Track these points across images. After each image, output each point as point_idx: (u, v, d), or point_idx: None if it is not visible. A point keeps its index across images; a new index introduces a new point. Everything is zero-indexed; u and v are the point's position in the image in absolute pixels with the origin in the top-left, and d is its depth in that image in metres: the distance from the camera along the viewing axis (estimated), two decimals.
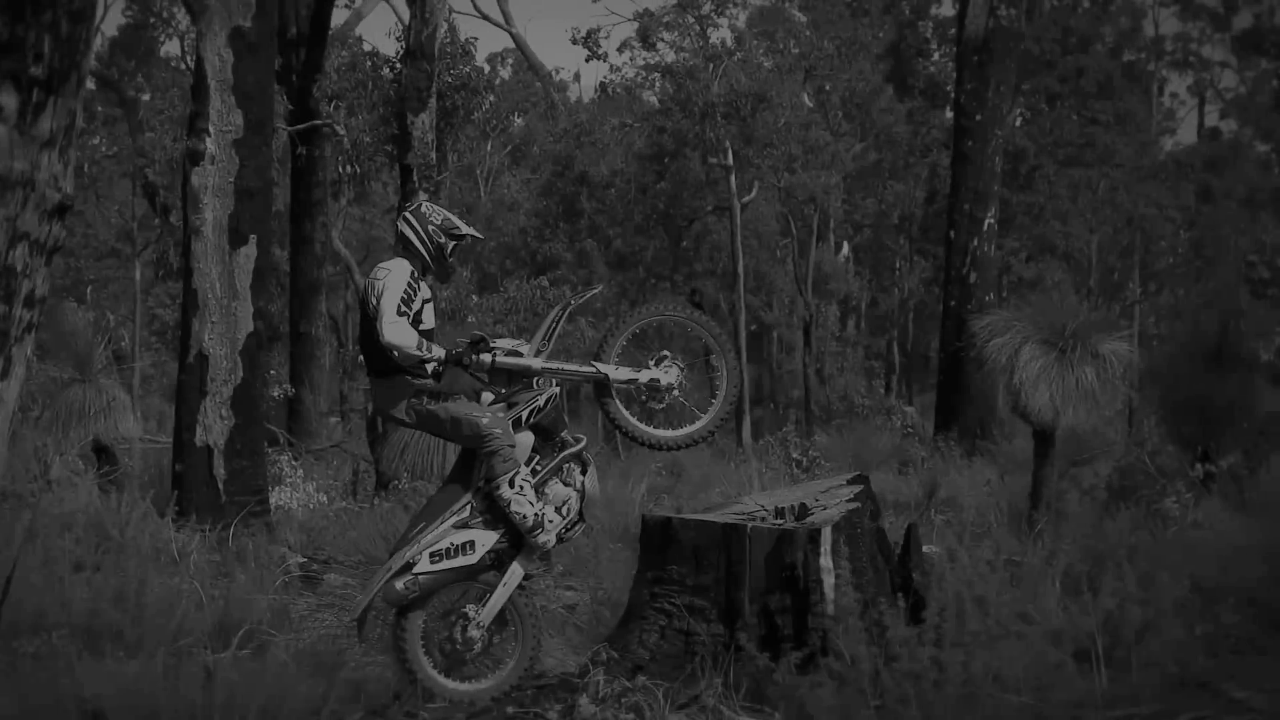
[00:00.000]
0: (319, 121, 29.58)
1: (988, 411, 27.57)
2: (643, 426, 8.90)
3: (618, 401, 8.83)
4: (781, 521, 8.65)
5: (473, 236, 8.96)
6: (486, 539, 8.51)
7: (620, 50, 53.33)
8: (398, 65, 25.34)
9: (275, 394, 25.60)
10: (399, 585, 8.39)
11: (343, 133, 29.10)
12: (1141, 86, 57.45)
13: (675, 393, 8.84)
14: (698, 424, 8.99)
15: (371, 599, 8.52)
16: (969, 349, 17.14)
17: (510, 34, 53.05)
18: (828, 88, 49.60)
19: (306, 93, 29.87)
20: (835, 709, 7.43)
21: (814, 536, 8.38)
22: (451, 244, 8.78)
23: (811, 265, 50.96)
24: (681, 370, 8.89)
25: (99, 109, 58.67)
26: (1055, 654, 7.83)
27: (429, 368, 8.65)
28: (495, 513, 8.53)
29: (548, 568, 12.16)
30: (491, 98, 38.74)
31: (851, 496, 9.00)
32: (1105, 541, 11.62)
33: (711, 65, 44.00)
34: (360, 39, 41.44)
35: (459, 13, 50.30)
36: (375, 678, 9.02)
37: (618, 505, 15.88)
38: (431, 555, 8.42)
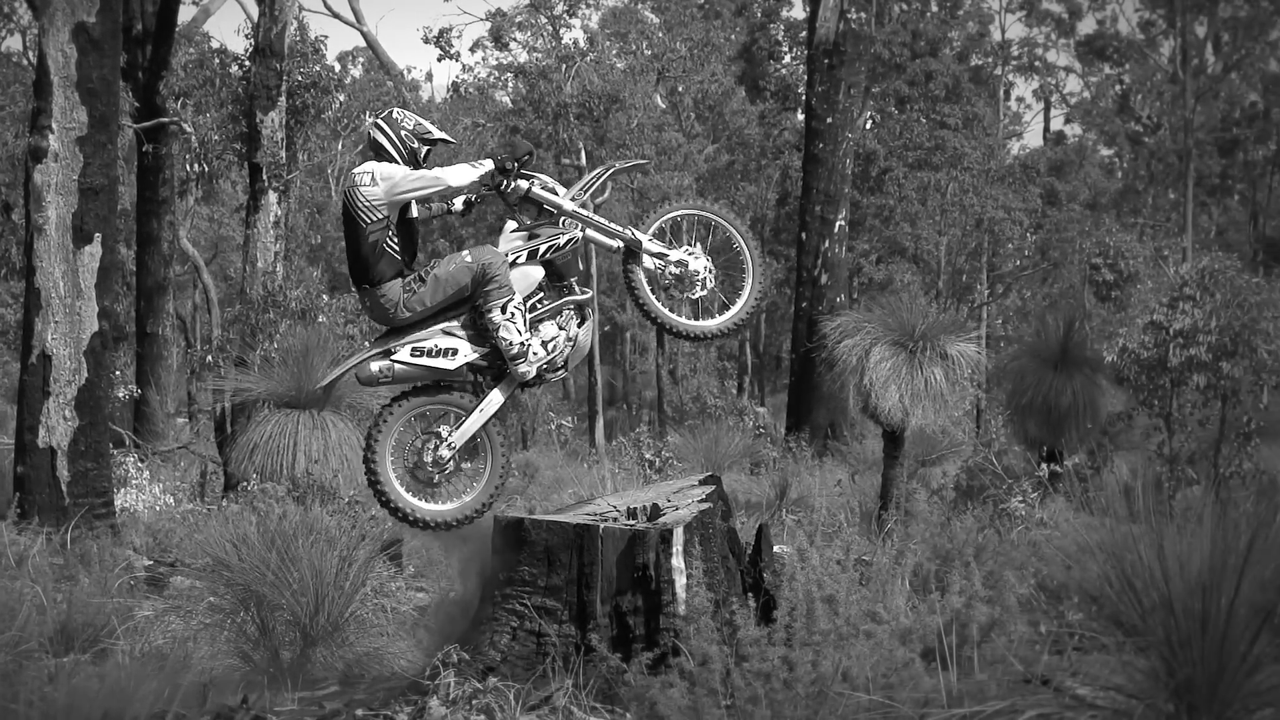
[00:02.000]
0: (166, 119, 29.20)
1: (838, 412, 27.79)
2: (661, 306, 9.08)
3: (643, 274, 8.99)
4: (634, 522, 8.63)
5: (444, 141, 8.99)
6: (469, 351, 8.68)
7: (472, 50, 53.03)
8: (246, 63, 25.06)
9: (121, 394, 25.26)
10: (374, 366, 8.58)
11: (190, 130, 28.72)
12: (989, 91, 58.21)
13: (701, 282, 9.07)
14: (717, 319, 9.25)
15: (342, 373, 8.74)
16: (820, 350, 17.25)
17: (361, 32, 52.75)
18: (680, 89, 49.76)
19: (153, 90, 29.47)
20: (686, 709, 7.42)
21: (666, 537, 8.37)
22: (425, 149, 8.82)
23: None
24: (709, 263, 9.09)
25: None
26: (903, 652, 7.88)
27: (458, 204, 9.05)
28: (485, 333, 8.67)
29: (398, 569, 12.09)
30: (342, 96, 38.34)
31: (703, 497, 9.01)
32: (953, 541, 11.72)
33: (564, 66, 43.97)
34: (208, 36, 41.04)
35: (309, 10, 49.99)
36: (222, 680, 8.92)
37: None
38: (413, 349, 8.59)
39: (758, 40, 58.79)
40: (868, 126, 50.62)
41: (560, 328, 8.87)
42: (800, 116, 51.83)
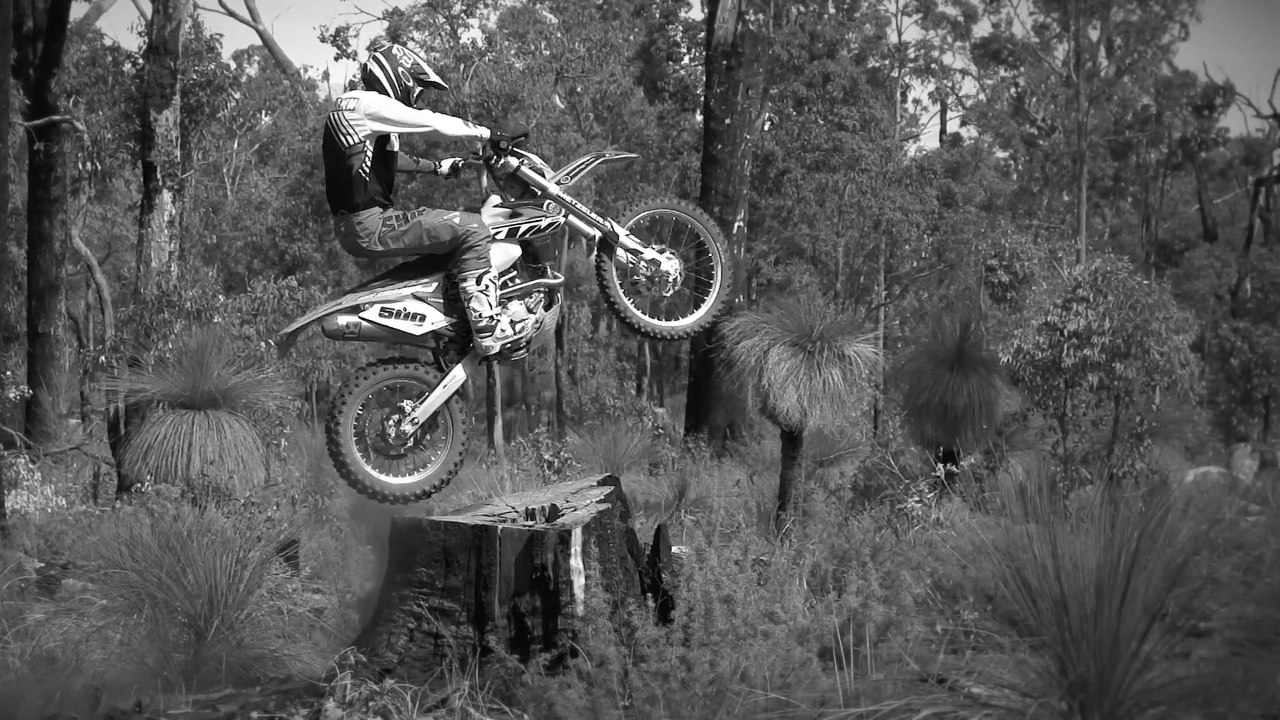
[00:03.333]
0: (58, 117, 28.86)
1: (737, 412, 27.84)
2: (628, 303, 9.15)
3: (615, 269, 9.07)
4: (532, 523, 8.62)
5: (437, 85, 9.07)
6: (437, 319, 8.76)
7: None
8: (140, 61, 24.85)
9: (12, 395, 24.91)
10: (341, 320, 8.64)
11: (82, 129, 28.42)
12: (886, 93, 58.55)
13: (671, 283, 9.17)
14: (683, 321, 9.35)
15: (308, 322, 8.77)
16: (718, 351, 17.26)
17: (257, 31, 52.28)
18: (579, 89, 49.71)
19: (44, 87, 29.12)
20: (584, 710, 7.42)
21: (564, 538, 8.37)
22: (418, 89, 8.94)
23: (564, 267, 51.03)
24: (682, 266, 9.21)
25: None
26: (801, 652, 7.91)
27: (444, 165, 9.20)
28: (455, 303, 8.74)
29: (294, 571, 12.01)
30: (238, 95, 38.17)
31: (602, 498, 9.01)
32: (850, 541, 11.78)
33: (462, 65, 43.87)
34: (101, 33, 40.53)
35: (204, 8, 49.49)
36: (115, 683, 8.83)
37: (367, 507, 15.72)
38: (382, 309, 8.65)
39: (656, 41, 58.83)
40: (766, 128, 50.78)
41: (529, 309, 8.95)
42: (699, 118, 51.90)
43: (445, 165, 9.22)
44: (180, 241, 22.10)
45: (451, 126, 8.70)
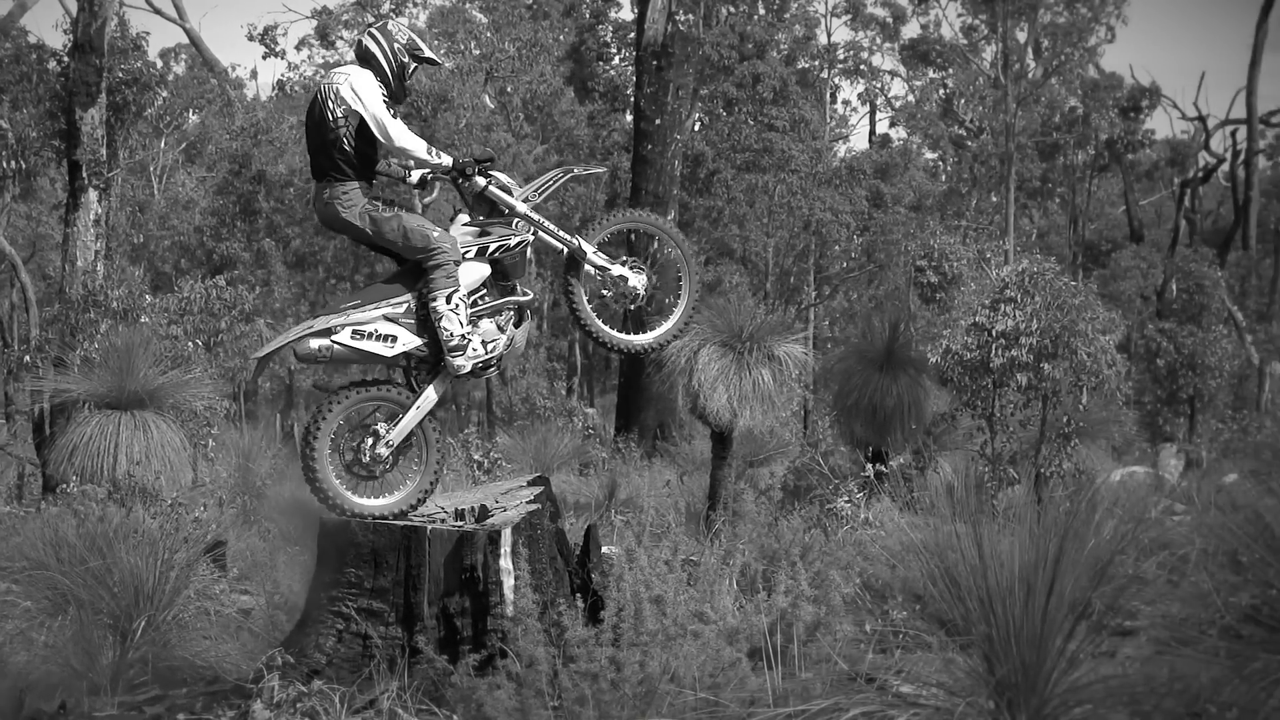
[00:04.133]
0: None
1: (667, 413, 27.88)
2: (599, 322, 9.21)
3: (582, 288, 9.14)
4: (461, 524, 8.62)
5: (431, 61, 9.13)
6: (408, 340, 8.76)
7: (298, 48, 52.60)
8: (65, 59, 24.60)
9: None
10: (313, 344, 8.65)
11: (6, 127, 28.12)
12: (815, 94, 58.66)
13: (638, 297, 9.21)
14: (649, 334, 9.39)
15: (281, 346, 8.80)
16: (649, 352, 17.25)
17: (184, 29, 52.09)
18: (509, 89, 49.63)
19: None
20: (513, 710, 7.42)
21: (494, 538, 8.37)
22: (413, 65, 8.96)
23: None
24: (649, 281, 9.25)
25: None
26: (730, 652, 7.94)
27: (414, 175, 9.12)
28: (426, 324, 8.74)
29: (222, 572, 11.94)
30: (165, 94, 37.82)
31: (532, 498, 9.01)
32: (780, 541, 11.81)
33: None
34: (25, 31, 40.14)
35: (130, 6, 49.27)
36: (39, 685, 8.77)
37: (296, 508, 15.65)
38: (354, 332, 8.65)
39: (586, 41, 58.76)
40: (696, 128, 50.79)
41: (500, 328, 9.00)
42: (629, 118, 51.90)
43: (414, 176, 9.21)
44: (106, 240, 21.94)
45: (417, 148, 8.67)
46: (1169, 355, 38.86)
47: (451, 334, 8.63)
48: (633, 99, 37.17)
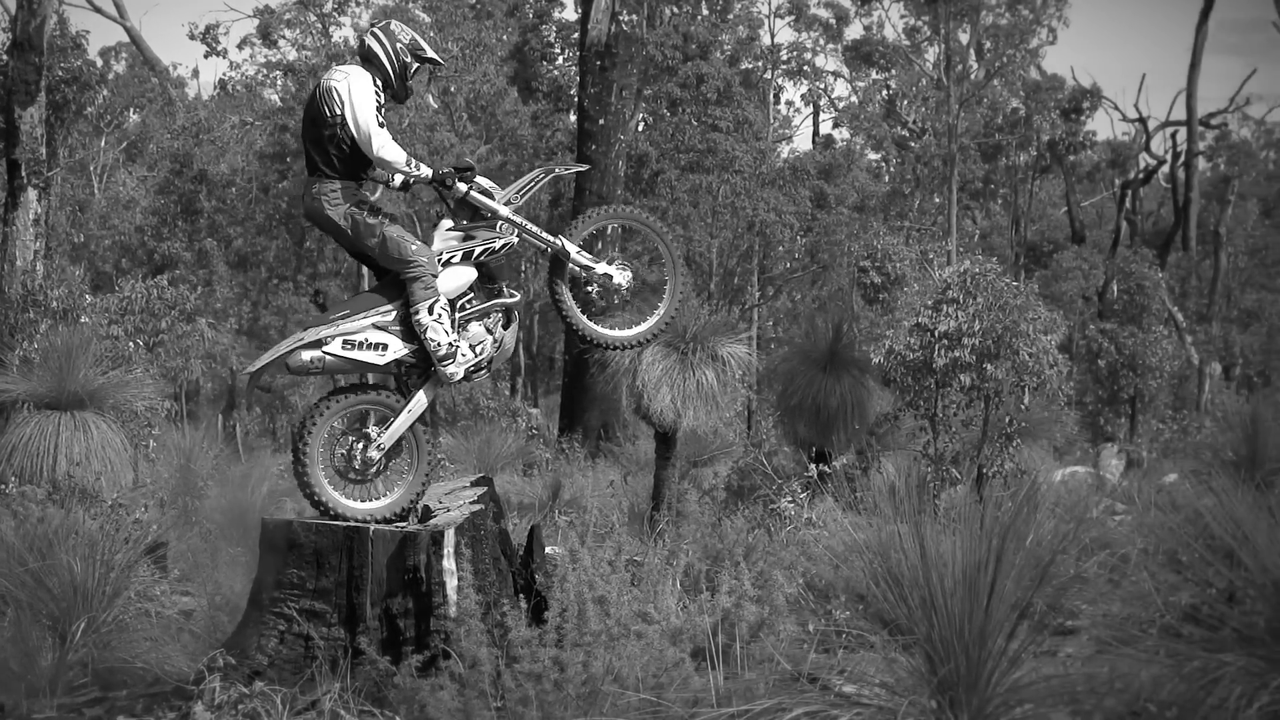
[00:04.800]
0: None
1: (611, 413, 27.90)
2: (586, 320, 9.30)
3: (568, 289, 9.23)
4: (405, 524, 8.60)
5: (434, 61, 9.16)
6: (398, 348, 8.80)
7: (240, 47, 52.50)
8: (4, 57, 24.42)
9: None
10: (305, 356, 8.69)
11: None
12: (759, 94, 58.76)
13: (623, 293, 9.30)
14: (637, 328, 9.45)
15: (273, 360, 8.75)
16: (593, 352, 17.28)
17: (125, 27, 51.81)
18: (452, 89, 49.50)
19: None
20: (456, 711, 7.41)
21: (437, 539, 8.35)
22: (415, 65, 9.03)
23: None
24: (633, 277, 9.31)
25: None
26: (674, 652, 7.95)
27: (397, 180, 9.11)
28: (414, 331, 8.79)
29: (163, 573, 11.88)
30: (105, 93, 37.69)
31: (475, 498, 9.01)
32: (723, 541, 11.84)
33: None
34: None
35: (70, 4, 48.74)
36: None
37: (238, 509, 15.59)
38: (344, 342, 8.70)
39: (530, 41, 58.69)
40: (640, 129, 50.83)
41: (488, 330, 9.06)
42: (573, 118, 51.89)
43: (397, 180, 9.23)
44: (46, 240, 21.79)
45: (397, 159, 8.74)
46: (1110, 356, 39.11)
47: (439, 344, 8.71)
48: (577, 99, 37.15)
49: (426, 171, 8.85)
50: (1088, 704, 6.66)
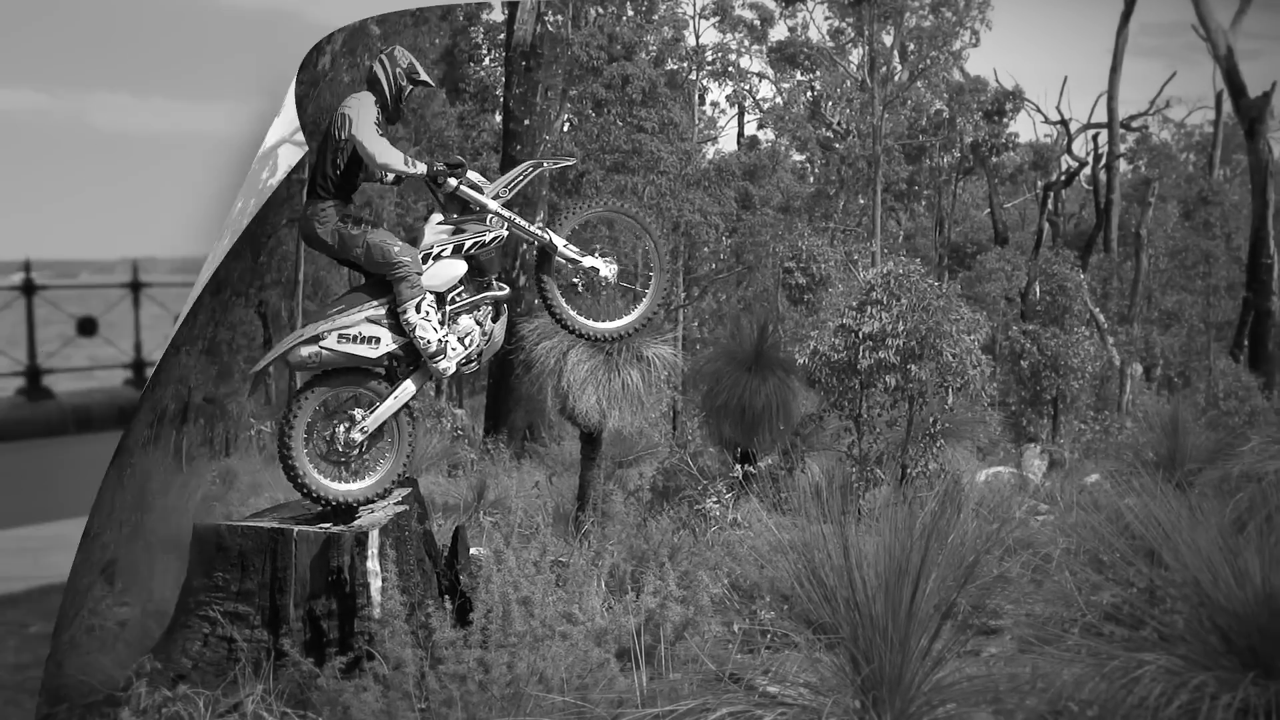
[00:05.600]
0: None
1: (537, 414, 27.83)
2: (573, 312, 9.70)
3: (555, 284, 9.63)
4: (328, 525, 8.57)
5: (426, 84, 9.64)
6: (390, 341, 9.16)
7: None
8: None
9: None
10: (304, 352, 9.08)
11: None
12: (684, 95, 58.82)
13: (609, 286, 9.79)
14: (621, 320, 9.97)
15: (275, 357, 9.10)
16: (518, 352, 17.26)
17: None
18: None
19: None
20: (380, 713, 7.40)
21: (361, 540, 8.34)
22: (410, 88, 9.53)
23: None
24: (616, 269, 9.74)
25: None
26: (599, 653, 7.96)
27: (390, 176, 9.58)
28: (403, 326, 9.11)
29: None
30: None
31: (399, 499, 9.00)
32: (649, 541, 11.86)
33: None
34: None
35: None
36: None
37: (172, 516, 15.51)
38: (340, 336, 9.09)
39: (459, 43, 58.58)
40: (565, 129, 50.73)
41: (477, 323, 9.42)
42: (499, 118, 51.80)
43: (390, 176, 9.49)
44: None
45: (395, 162, 9.16)
46: (1033, 356, 39.29)
47: (429, 341, 9.09)
48: (502, 100, 37.06)
49: (421, 168, 9.20)
50: (1010, 703, 6.71)
